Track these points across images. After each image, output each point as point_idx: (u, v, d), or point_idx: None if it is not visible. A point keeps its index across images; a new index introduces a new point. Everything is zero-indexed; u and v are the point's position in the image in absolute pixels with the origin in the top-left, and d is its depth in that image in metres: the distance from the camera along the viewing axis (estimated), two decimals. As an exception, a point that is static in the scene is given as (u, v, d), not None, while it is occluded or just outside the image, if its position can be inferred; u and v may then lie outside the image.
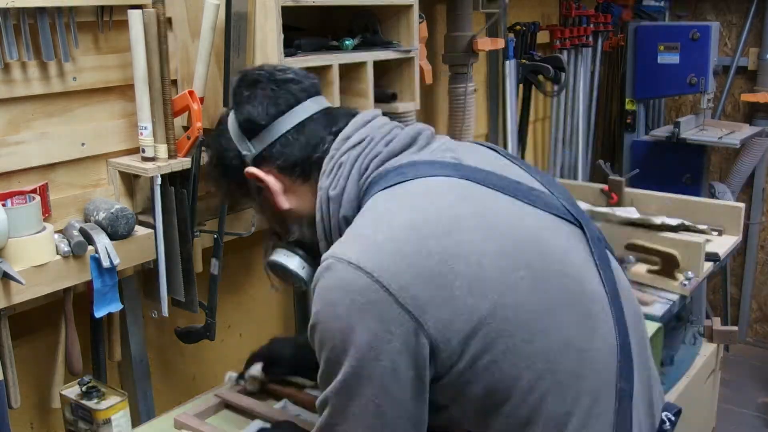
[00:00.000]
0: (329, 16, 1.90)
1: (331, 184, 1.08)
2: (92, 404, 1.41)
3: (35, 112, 1.50)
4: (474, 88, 2.49)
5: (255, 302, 2.14)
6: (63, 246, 1.43)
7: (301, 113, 1.13)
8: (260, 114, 1.12)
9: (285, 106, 1.13)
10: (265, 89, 1.14)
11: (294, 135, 1.12)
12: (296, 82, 1.15)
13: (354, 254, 0.95)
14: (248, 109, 1.13)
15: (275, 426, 1.45)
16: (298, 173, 1.12)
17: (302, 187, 1.13)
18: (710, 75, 3.42)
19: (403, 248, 0.95)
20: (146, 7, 1.53)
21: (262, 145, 1.13)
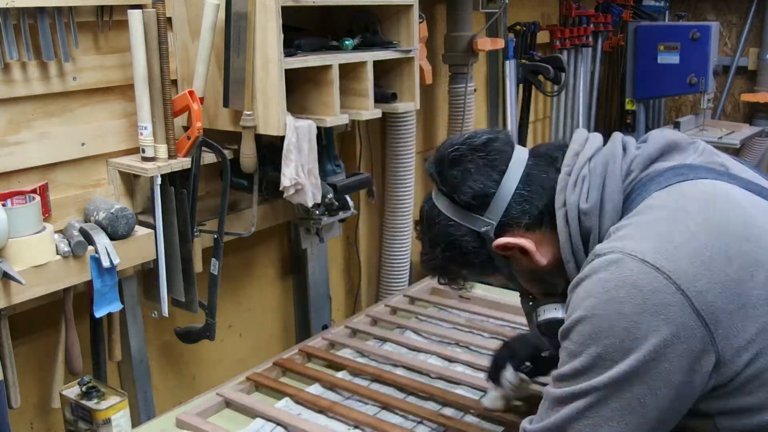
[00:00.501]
0: (329, 16, 1.90)
1: (581, 197, 1.02)
2: (92, 404, 1.41)
3: (35, 112, 1.50)
4: (474, 88, 2.49)
5: (255, 302, 2.14)
6: (63, 246, 1.43)
7: (519, 165, 1.08)
8: (486, 184, 1.06)
9: (503, 165, 1.07)
10: (474, 160, 1.08)
11: (526, 188, 1.06)
12: (495, 140, 1.10)
13: (649, 252, 0.89)
14: (470, 186, 1.07)
15: None
16: (547, 222, 1.06)
17: (552, 234, 1.06)
18: (710, 75, 3.42)
19: (702, 251, 0.89)
20: (146, 7, 1.53)
21: (499, 214, 1.06)
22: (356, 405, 1.56)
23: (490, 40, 2.45)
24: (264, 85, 1.56)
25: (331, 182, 1.85)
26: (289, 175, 1.62)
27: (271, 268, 2.19)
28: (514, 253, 1.08)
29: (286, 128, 1.57)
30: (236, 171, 1.69)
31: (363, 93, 1.74)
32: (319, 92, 1.68)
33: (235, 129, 1.65)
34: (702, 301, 0.87)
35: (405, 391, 1.60)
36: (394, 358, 1.73)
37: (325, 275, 2.22)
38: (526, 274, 1.12)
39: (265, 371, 1.71)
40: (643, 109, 3.79)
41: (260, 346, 2.16)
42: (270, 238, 2.15)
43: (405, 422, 1.49)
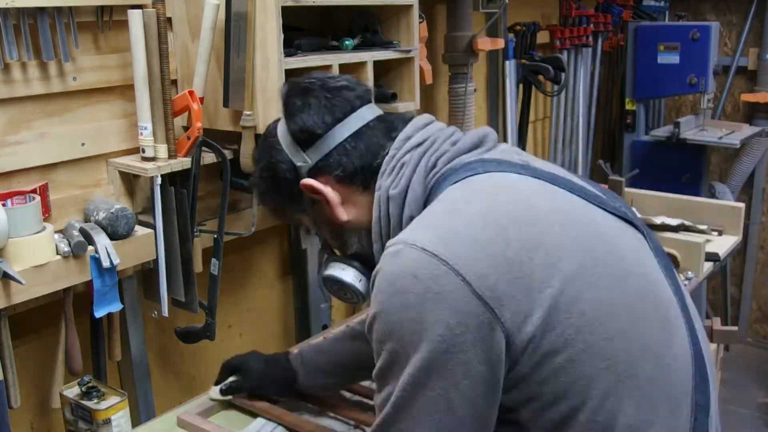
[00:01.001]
0: (329, 16, 1.90)
1: (392, 183, 1.04)
2: (92, 404, 1.41)
3: (35, 112, 1.50)
4: (474, 88, 2.49)
5: (255, 302, 2.14)
6: (63, 246, 1.43)
7: (358, 120, 1.09)
8: (316, 123, 1.08)
9: (341, 113, 1.08)
10: (318, 97, 1.09)
11: (352, 143, 1.08)
12: (350, 89, 1.11)
13: (428, 240, 0.90)
14: (303, 118, 1.08)
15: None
16: (359, 182, 1.08)
17: (361, 196, 1.09)
18: (710, 75, 3.42)
19: (480, 236, 0.90)
20: (146, 7, 1.53)
21: (318, 156, 1.08)
22: (357, 404, 1.56)
23: (490, 40, 2.45)
24: (264, 85, 1.56)
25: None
26: (289, 175, 1.62)
27: (271, 268, 2.19)
28: (319, 198, 1.09)
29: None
30: (236, 171, 1.69)
31: (363, 93, 1.74)
32: (319, 92, 1.68)
33: (235, 129, 1.65)
34: (483, 285, 0.87)
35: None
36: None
37: (325, 275, 2.22)
38: (326, 224, 1.13)
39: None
40: (643, 109, 3.79)
41: (260, 346, 2.15)
42: (270, 238, 2.15)
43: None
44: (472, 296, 0.87)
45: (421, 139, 1.07)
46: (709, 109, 3.58)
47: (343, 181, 1.08)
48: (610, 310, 0.92)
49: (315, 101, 1.09)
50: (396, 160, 1.05)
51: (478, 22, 2.54)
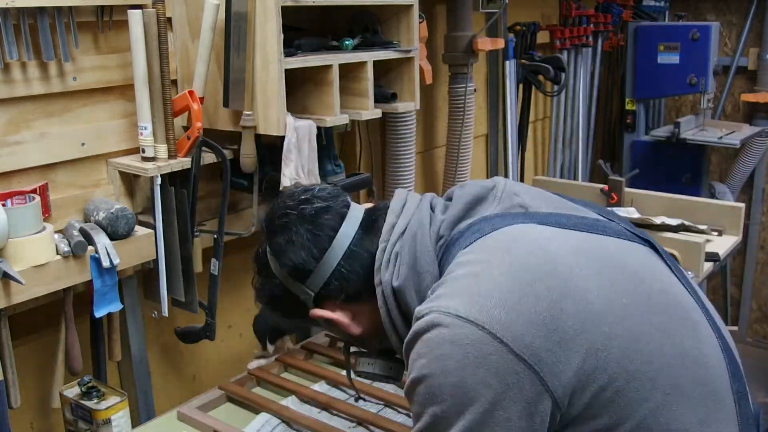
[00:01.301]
0: (329, 16, 1.90)
1: (393, 276, 1.05)
2: (92, 404, 1.41)
3: (35, 112, 1.50)
4: (474, 88, 2.49)
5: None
6: (63, 246, 1.43)
7: (344, 240, 1.10)
8: (306, 259, 1.09)
9: (326, 242, 1.09)
10: (299, 233, 1.10)
11: (346, 266, 1.09)
12: (326, 210, 1.12)
13: (461, 307, 0.92)
14: (291, 258, 1.10)
15: None
16: (364, 296, 1.10)
17: (370, 304, 1.09)
18: (710, 75, 3.42)
19: (510, 297, 0.92)
20: (146, 7, 1.53)
21: (317, 285, 1.10)
22: (358, 402, 1.56)
23: (490, 40, 2.45)
24: (264, 85, 1.56)
25: (331, 182, 1.85)
26: (289, 175, 1.62)
27: (271, 268, 2.18)
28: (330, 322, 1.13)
29: (286, 128, 1.57)
30: (236, 171, 1.70)
31: (363, 93, 1.74)
32: (319, 92, 1.68)
33: (235, 129, 1.65)
34: (520, 344, 0.89)
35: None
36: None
37: (325, 275, 2.22)
38: (343, 336, 1.18)
39: (267, 367, 1.72)
40: (643, 109, 3.79)
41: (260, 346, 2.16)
42: (270, 238, 2.15)
43: (407, 420, 1.49)
44: (510, 356, 0.89)
45: (404, 223, 1.08)
46: (709, 109, 3.58)
47: (350, 301, 1.11)
48: (643, 335, 0.95)
49: (297, 237, 1.10)
50: (389, 253, 1.06)
51: (478, 22, 2.53)
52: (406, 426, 1.46)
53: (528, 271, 0.94)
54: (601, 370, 0.91)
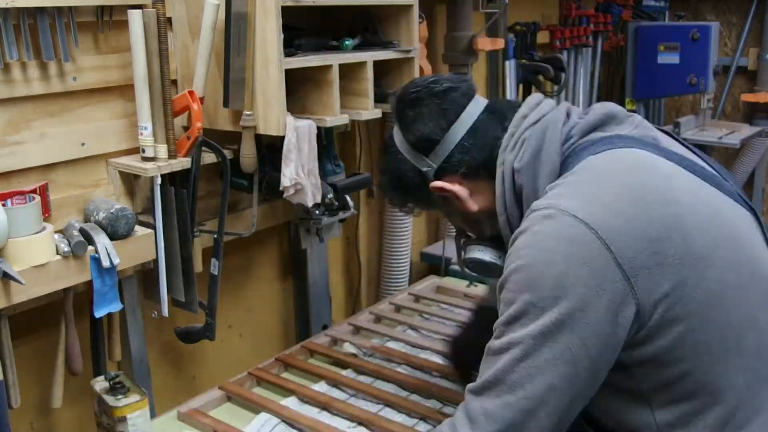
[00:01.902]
0: (329, 16, 1.90)
1: (516, 157, 1.10)
2: (111, 400, 1.41)
3: (35, 112, 1.50)
4: (474, 88, 2.49)
5: (255, 302, 2.14)
6: (63, 246, 1.43)
7: (470, 118, 1.17)
8: (433, 130, 1.17)
9: (453, 116, 1.17)
10: (429, 105, 1.18)
11: (470, 141, 1.16)
12: (455, 90, 1.19)
13: (579, 208, 0.98)
14: (419, 128, 1.18)
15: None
16: (483, 174, 1.16)
17: (488, 185, 1.16)
18: (710, 75, 3.42)
19: (628, 210, 0.98)
20: (146, 7, 1.53)
21: (440, 158, 1.17)
22: (359, 402, 1.56)
23: (490, 40, 2.45)
24: (264, 85, 1.56)
25: (331, 182, 1.85)
26: (289, 175, 1.62)
27: (271, 268, 2.19)
28: (450, 196, 1.19)
29: (286, 128, 1.57)
30: (236, 171, 1.69)
31: (363, 93, 1.74)
32: (319, 92, 1.68)
33: (235, 129, 1.65)
34: (624, 256, 0.95)
35: (407, 389, 1.60)
36: (397, 356, 1.74)
37: (325, 275, 2.22)
38: (459, 215, 1.23)
39: (267, 367, 1.72)
40: (643, 109, 3.78)
41: (260, 347, 2.16)
42: (270, 238, 2.15)
43: (407, 420, 1.49)
44: (613, 264, 0.95)
45: (537, 116, 1.13)
46: (709, 109, 3.58)
47: (469, 176, 1.17)
48: (728, 290, 1.01)
49: (426, 110, 1.18)
50: (517, 137, 1.12)
51: (478, 22, 2.54)
52: (406, 426, 1.46)
53: (650, 194, 1.01)
54: (683, 304, 0.97)
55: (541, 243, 0.98)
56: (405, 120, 1.20)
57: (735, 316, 1.01)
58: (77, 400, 1.64)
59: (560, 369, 0.97)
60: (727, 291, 1.01)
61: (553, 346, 0.97)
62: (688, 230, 0.99)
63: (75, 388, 1.62)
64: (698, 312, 0.98)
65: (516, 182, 1.10)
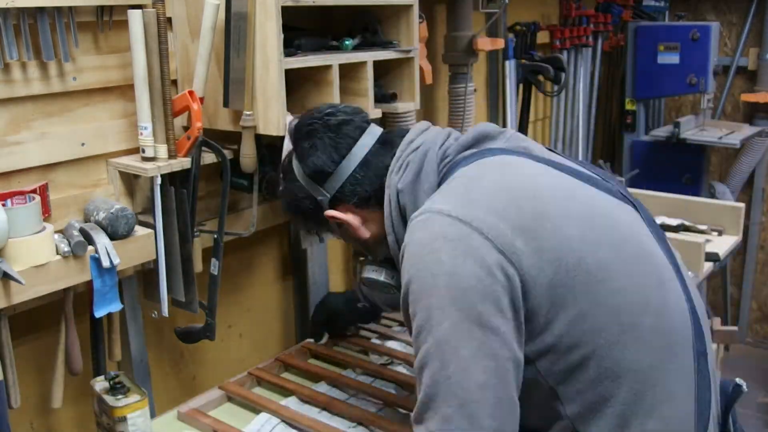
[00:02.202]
0: (329, 16, 1.90)
1: (400, 179, 1.18)
2: (111, 400, 1.41)
3: (35, 112, 1.50)
4: (474, 88, 2.49)
5: (255, 302, 2.14)
6: (63, 246, 1.43)
7: (361, 151, 1.24)
8: (326, 162, 1.24)
9: (345, 149, 1.24)
10: (323, 138, 1.25)
11: (361, 172, 1.23)
12: (348, 123, 1.26)
13: (451, 207, 1.04)
14: (313, 161, 1.24)
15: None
16: (374, 203, 1.23)
17: (379, 213, 1.22)
18: (710, 75, 3.42)
19: (496, 204, 1.04)
20: (146, 7, 1.53)
21: (334, 189, 1.24)
22: (359, 402, 1.56)
23: (490, 40, 2.45)
24: (264, 85, 1.56)
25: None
26: (289, 175, 1.62)
27: (271, 268, 2.19)
28: (343, 224, 1.26)
29: (286, 128, 1.57)
30: (236, 171, 1.69)
31: (363, 93, 1.74)
32: (319, 92, 1.68)
33: (235, 129, 1.65)
34: (503, 241, 1.00)
35: (407, 389, 1.60)
36: (397, 356, 1.74)
37: (325, 275, 2.22)
38: (353, 240, 1.31)
39: (267, 367, 1.72)
40: (643, 109, 3.79)
41: (260, 346, 2.16)
42: (270, 238, 2.15)
43: (407, 420, 1.49)
44: (495, 251, 1.00)
45: (421, 141, 1.21)
46: (709, 109, 3.58)
47: (361, 205, 1.25)
48: (611, 271, 1.04)
49: (320, 143, 1.25)
50: (401, 161, 1.19)
51: (478, 22, 2.54)
52: (406, 426, 1.46)
53: (514, 189, 1.07)
54: (568, 287, 1.01)
55: (425, 248, 1.02)
56: (301, 151, 1.27)
57: (625, 299, 1.04)
58: (77, 400, 1.64)
59: (483, 364, 0.98)
60: (611, 273, 1.03)
61: (467, 345, 0.98)
62: (558, 220, 1.04)
63: (75, 388, 1.62)
64: (585, 295, 1.01)
65: (400, 202, 1.17)
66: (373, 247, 1.29)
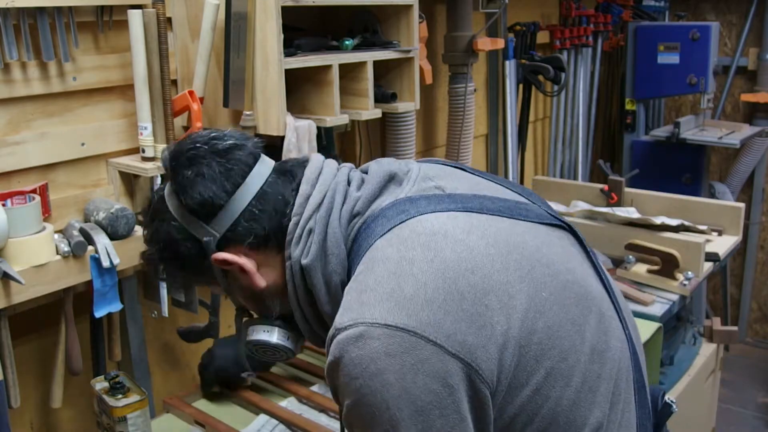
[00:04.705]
0: (329, 16, 1.90)
1: (303, 252, 1.00)
2: (111, 400, 1.41)
3: (35, 112, 1.50)
4: (474, 88, 2.49)
5: (255, 302, 2.14)
6: (63, 246, 1.43)
7: (258, 180, 1.02)
8: (216, 193, 1.00)
9: (239, 177, 1.01)
10: (210, 164, 1.01)
11: (258, 206, 1.01)
12: (240, 147, 1.03)
13: (388, 313, 0.87)
14: (200, 191, 1.00)
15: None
16: (273, 244, 1.03)
17: (276, 257, 1.03)
18: (710, 75, 3.42)
19: (435, 297, 0.88)
20: (146, 7, 1.53)
21: (224, 227, 1.01)
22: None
23: (490, 40, 2.45)
24: (264, 85, 1.56)
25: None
26: (289, 175, 1.62)
27: (271, 268, 2.18)
28: (234, 269, 1.03)
29: (286, 128, 1.57)
30: (236, 171, 1.69)
31: (363, 93, 1.74)
32: (319, 92, 1.68)
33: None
34: (454, 342, 0.87)
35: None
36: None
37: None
38: (243, 291, 1.07)
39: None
40: (643, 109, 3.79)
41: (260, 346, 2.16)
42: (270, 238, 2.15)
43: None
44: (447, 356, 0.86)
45: (320, 196, 1.02)
46: (709, 109, 3.58)
47: (257, 247, 1.03)
48: (560, 331, 0.94)
49: (207, 170, 1.00)
50: (301, 228, 1.01)
51: (478, 22, 2.54)
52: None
53: (449, 269, 0.91)
54: (523, 366, 0.91)
55: (366, 370, 0.86)
56: (181, 181, 1.01)
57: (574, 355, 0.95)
58: (77, 400, 1.65)
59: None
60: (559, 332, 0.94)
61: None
62: (502, 288, 0.92)
63: (75, 388, 1.62)
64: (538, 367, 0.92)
65: (307, 280, 1.00)
66: (268, 300, 1.07)
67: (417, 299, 0.88)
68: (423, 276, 0.90)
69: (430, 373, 0.86)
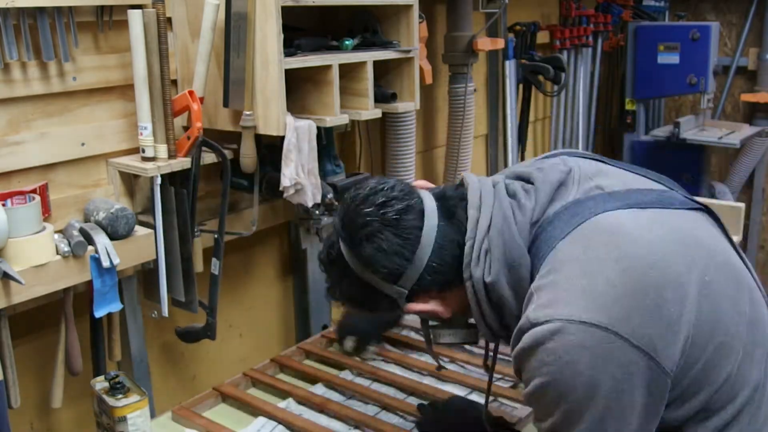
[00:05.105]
0: (329, 16, 1.90)
1: (485, 272, 1.09)
2: (111, 400, 1.41)
3: (35, 112, 1.50)
4: (474, 88, 2.49)
5: (255, 302, 2.14)
6: (63, 246, 1.43)
7: (430, 236, 1.12)
8: (399, 264, 1.11)
9: (415, 242, 1.11)
10: (387, 238, 1.11)
11: (437, 260, 1.12)
12: (407, 210, 1.13)
13: (584, 312, 0.98)
14: (385, 265, 1.11)
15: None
16: (456, 285, 1.13)
17: (459, 290, 1.13)
18: (710, 75, 3.42)
19: (623, 293, 0.99)
20: (146, 7, 1.53)
21: (411, 282, 1.13)
22: (356, 404, 1.56)
23: (490, 40, 2.45)
24: (264, 85, 1.56)
25: (331, 182, 1.85)
26: (289, 175, 1.62)
27: (271, 268, 2.19)
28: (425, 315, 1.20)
29: (286, 128, 1.57)
30: (236, 171, 1.70)
31: (363, 93, 1.74)
32: (319, 92, 1.68)
33: (235, 129, 1.65)
34: (638, 336, 0.97)
35: (405, 391, 1.60)
36: (395, 358, 1.74)
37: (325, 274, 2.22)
38: (430, 317, 1.24)
39: (262, 368, 1.72)
40: (643, 109, 3.79)
41: (260, 346, 2.16)
42: (270, 238, 2.15)
43: (404, 423, 1.49)
44: (632, 348, 0.97)
45: (487, 219, 1.10)
46: (709, 109, 3.58)
47: (442, 290, 1.15)
48: (721, 309, 1.04)
49: (385, 243, 1.11)
50: (477, 250, 1.10)
51: (478, 22, 2.54)
52: (403, 428, 1.46)
53: (632, 267, 1.00)
54: (697, 346, 1.00)
55: (560, 359, 0.98)
56: (363, 256, 1.12)
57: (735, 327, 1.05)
58: (77, 400, 1.64)
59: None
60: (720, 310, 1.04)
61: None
62: (676, 280, 1.01)
63: (75, 388, 1.62)
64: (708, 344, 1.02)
65: (492, 295, 1.10)
66: (452, 322, 1.24)
67: (607, 297, 0.99)
68: (612, 274, 1.00)
69: (616, 363, 0.97)
